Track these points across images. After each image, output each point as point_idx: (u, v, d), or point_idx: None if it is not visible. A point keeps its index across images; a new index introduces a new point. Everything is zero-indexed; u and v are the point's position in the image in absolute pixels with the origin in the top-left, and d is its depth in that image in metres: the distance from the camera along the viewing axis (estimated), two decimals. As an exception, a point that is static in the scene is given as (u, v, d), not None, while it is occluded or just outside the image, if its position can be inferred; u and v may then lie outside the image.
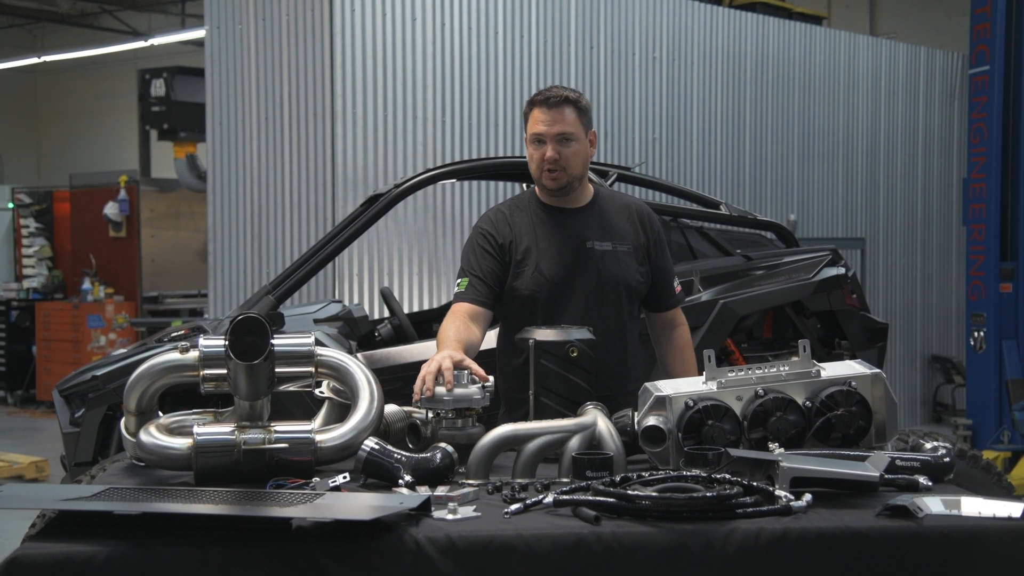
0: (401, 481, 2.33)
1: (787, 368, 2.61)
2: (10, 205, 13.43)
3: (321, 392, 2.71)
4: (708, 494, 2.08)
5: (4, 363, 12.47)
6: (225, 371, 2.47)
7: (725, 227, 5.85)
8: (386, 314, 5.54)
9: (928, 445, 2.53)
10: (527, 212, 3.28)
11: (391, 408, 2.74)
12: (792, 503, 2.13)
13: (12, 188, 13.72)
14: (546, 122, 3.15)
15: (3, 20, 19.53)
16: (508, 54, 7.32)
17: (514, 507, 2.12)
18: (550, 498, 2.13)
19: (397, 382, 3.69)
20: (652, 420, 2.51)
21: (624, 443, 2.52)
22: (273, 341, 2.42)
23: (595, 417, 2.56)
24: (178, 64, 12.31)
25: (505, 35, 7.30)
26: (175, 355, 2.56)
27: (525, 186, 4.70)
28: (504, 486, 2.34)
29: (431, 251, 6.88)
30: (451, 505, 2.11)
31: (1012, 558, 2.09)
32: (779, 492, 2.16)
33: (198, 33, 12.74)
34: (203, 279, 8.90)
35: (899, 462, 2.39)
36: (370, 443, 2.41)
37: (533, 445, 2.49)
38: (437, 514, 2.10)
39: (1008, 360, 7.27)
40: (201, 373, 2.52)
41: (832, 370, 2.63)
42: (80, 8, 19.12)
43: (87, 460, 4.47)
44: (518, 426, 2.55)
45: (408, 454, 2.42)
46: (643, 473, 2.26)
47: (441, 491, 2.24)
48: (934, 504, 2.14)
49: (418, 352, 4.51)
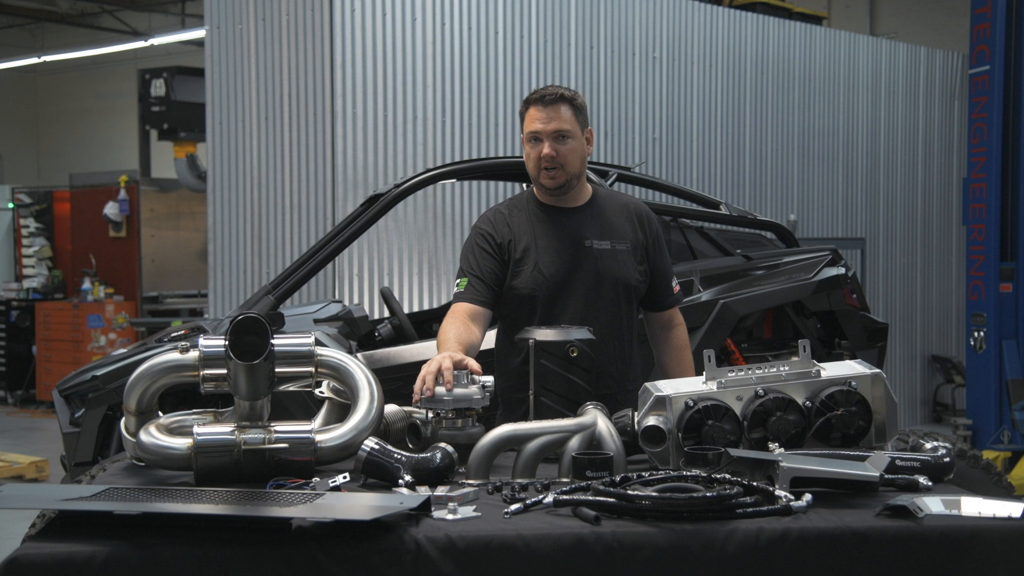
0: (401, 481, 2.33)
1: (787, 368, 2.61)
2: (10, 205, 13.43)
3: (321, 392, 2.71)
4: (708, 494, 2.08)
5: (4, 363, 12.47)
6: (225, 371, 2.47)
7: (725, 227, 5.85)
8: (386, 314, 5.54)
9: (928, 445, 2.53)
10: (525, 212, 3.28)
11: (391, 408, 2.74)
12: (792, 503, 2.13)
13: (12, 188, 13.72)
14: (542, 120, 3.15)
15: (3, 20, 19.53)
16: (508, 54, 7.32)
17: (514, 507, 2.12)
18: (550, 498, 2.13)
19: (397, 382, 3.70)
20: (652, 420, 2.51)
21: (624, 443, 2.52)
22: (273, 341, 2.42)
23: (595, 417, 2.56)
24: (178, 64, 12.31)
25: (505, 35, 7.30)
26: (175, 355, 2.56)
27: (524, 186, 4.70)
28: (504, 486, 2.34)
29: (431, 251, 6.88)
30: (451, 505, 2.11)
31: (1012, 558, 2.09)
32: (779, 492, 2.16)
33: (198, 33, 12.75)
34: (203, 279, 8.90)
35: (899, 462, 2.39)
36: (370, 443, 2.41)
37: (533, 445, 2.49)
38: (437, 514, 2.10)
39: (1008, 360, 7.27)
40: (201, 373, 2.52)
41: (832, 370, 2.63)
42: (80, 8, 19.12)
43: (87, 460, 4.47)
44: (518, 426, 2.55)
45: (408, 454, 2.41)
46: (643, 473, 2.26)
47: (441, 491, 2.24)
48: (934, 504, 2.14)
49: (418, 352, 4.51)
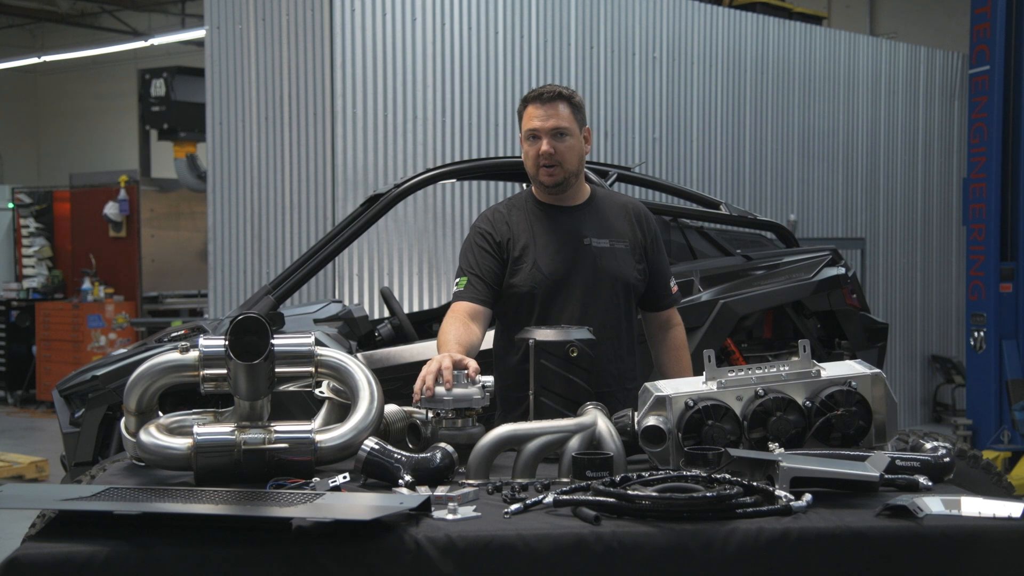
0: (401, 481, 2.33)
1: (787, 368, 2.61)
2: (10, 205, 13.43)
3: (321, 392, 2.71)
4: (708, 494, 2.08)
5: (4, 363, 12.47)
6: (225, 371, 2.47)
7: (725, 227, 5.85)
8: (386, 314, 5.54)
9: (928, 445, 2.53)
10: (524, 210, 3.28)
11: (391, 408, 2.74)
12: (792, 503, 2.13)
13: (12, 188, 13.72)
14: (540, 117, 3.15)
15: (3, 20, 19.54)
16: (508, 54, 7.32)
17: (514, 507, 2.12)
18: (550, 498, 2.13)
19: (397, 382, 3.70)
20: (652, 420, 2.51)
21: (624, 443, 2.52)
22: (273, 341, 2.42)
23: (595, 417, 2.56)
24: (178, 64, 12.31)
25: (505, 35, 7.30)
26: (175, 355, 2.56)
27: (524, 186, 4.70)
28: (504, 486, 2.34)
29: (431, 251, 6.88)
30: (451, 505, 2.11)
31: (1012, 558, 2.09)
32: (779, 492, 2.15)
33: (198, 33, 12.75)
34: (203, 279, 8.89)
35: (899, 462, 2.38)
36: (370, 443, 2.41)
37: (533, 445, 2.49)
38: (437, 514, 2.10)
39: (1008, 360, 7.27)
40: (201, 373, 2.52)
41: (832, 370, 2.63)
42: (80, 8, 19.13)
43: (87, 460, 4.47)
44: (518, 426, 2.55)
45: (408, 454, 2.41)
46: (643, 473, 2.25)
47: (441, 491, 2.24)
48: (934, 504, 2.14)
49: (418, 352, 4.51)
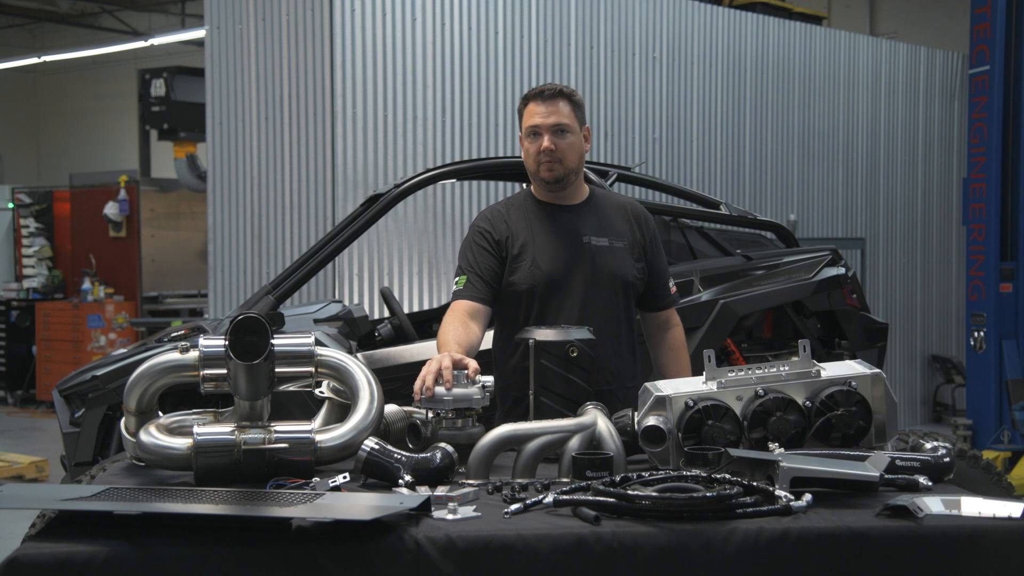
0: (401, 481, 2.33)
1: (787, 368, 2.61)
2: (10, 205, 13.43)
3: (321, 392, 2.71)
4: (708, 494, 2.08)
5: (4, 363, 12.47)
6: (225, 371, 2.47)
7: (725, 227, 5.85)
8: (386, 314, 5.54)
9: (928, 445, 2.53)
10: (523, 209, 3.28)
11: (391, 408, 2.74)
12: (792, 503, 2.13)
13: (12, 188, 13.72)
14: (542, 114, 3.16)
15: (3, 20, 19.54)
16: (508, 54, 7.32)
17: (514, 507, 2.12)
18: (550, 498, 2.13)
19: (397, 382, 3.70)
20: (652, 420, 2.51)
21: (624, 443, 2.52)
22: (273, 341, 2.42)
23: (595, 417, 2.56)
24: (178, 64, 12.31)
25: (505, 35, 7.30)
26: (175, 355, 2.56)
27: (524, 186, 4.70)
28: (504, 486, 2.34)
29: (431, 251, 6.88)
30: (451, 505, 2.11)
31: (1012, 558, 2.09)
32: (779, 492, 2.16)
33: (198, 33, 12.75)
34: (203, 279, 8.89)
35: (899, 462, 2.38)
36: (370, 443, 2.41)
37: (533, 445, 2.49)
38: (437, 514, 2.10)
39: (1008, 360, 7.27)
40: (201, 373, 2.52)
41: (832, 370, 2.63)
42: (80, 8, 19.13)
43: (87, 460, 4.47)
44: (518, 426, 2.55)
45: (408, 454, 2.41)
46: (643, 473, 2.26)
47: (441, 491, 2.24)
48: (934, 504, 2.14)
49: (418, 352, 4.51)
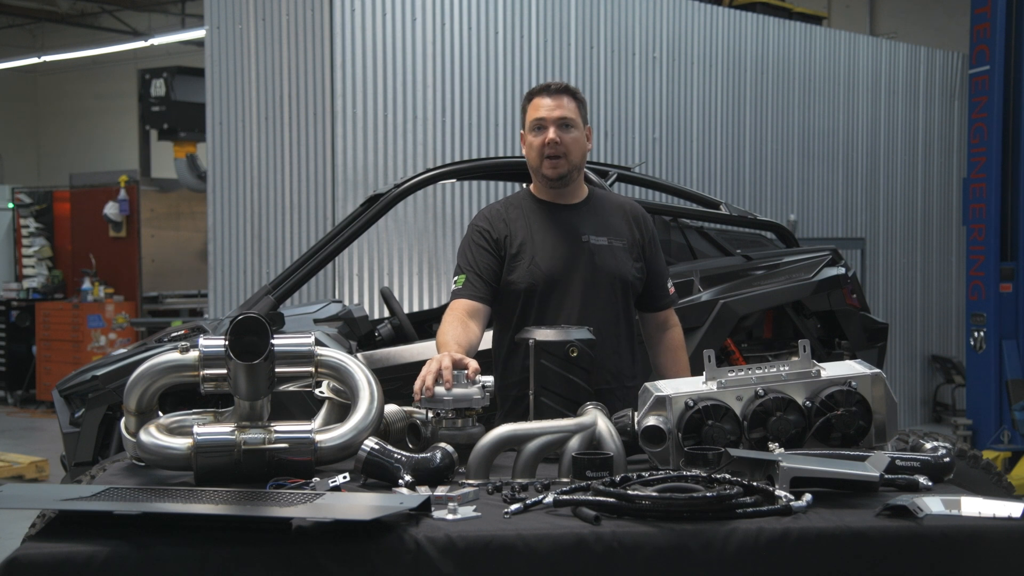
0: (401, 481, 2.33)
1: (787, 368, 2.61)
2: (10, 205, 13.43)
3: (321, 392, 2.71)
4: (708, 494, 2.08)
5: (4, 363, 12.47)
6: (225, 371, 2.47)
7: (725, 227, 5.85)
8: (386, 314, 5.54)
9: (928, 445, 2.53)
10: (522, 208, 3.29)
11: (391, 408, 2.73)
12: (792, 503, 2.13)
13: (12, 188, 13.72)
14: (548, 107, 3.17)
15: (3, 20, 19.54)
16: (508, 54, 7.32)
17: (514, 507, 2.12)
18: (550, 498, 2.13)
19: (397, 382, 3.70)
20: (652, 420, 2.51)
21: (624, 443, 2.52)
22: (273, 341, 2.42)
23: (595, 417, 2.56)
24: (178, 64, 12.31)
25: (505, 35, 7.30)
26: (175, 355, 2.56)
27: (524, 186, 4.70)
28: (504, 486, 2.34)
29: (431, 251, 6.88)
30: (451, 505, 2.11)
31: (1012, 558, 2.09)
32: (779, 492, 2.16)
33: (198, 33, 12.75)
34: (203, 279, 8.89)
35: (899, 462, 2.38)
36: (370, 443, 2.41)
37: (533, 445, 2.49)
38: (437, 514, 2.10)
39: (1008, 360, 7.27)
40: (201, 373, 2.52)
41: (832, 370, 2.63)
42: (80, 8, 19.13)
43: (87, 460, 4.47)
44: (518, 426, 2.55)
45: (408, 454, 2.41)
46: (643, 473, 2.25)
47: (441, 491, 2.24)
48: (934, 504, 2.14)
49: (418, 352, 4.51)
